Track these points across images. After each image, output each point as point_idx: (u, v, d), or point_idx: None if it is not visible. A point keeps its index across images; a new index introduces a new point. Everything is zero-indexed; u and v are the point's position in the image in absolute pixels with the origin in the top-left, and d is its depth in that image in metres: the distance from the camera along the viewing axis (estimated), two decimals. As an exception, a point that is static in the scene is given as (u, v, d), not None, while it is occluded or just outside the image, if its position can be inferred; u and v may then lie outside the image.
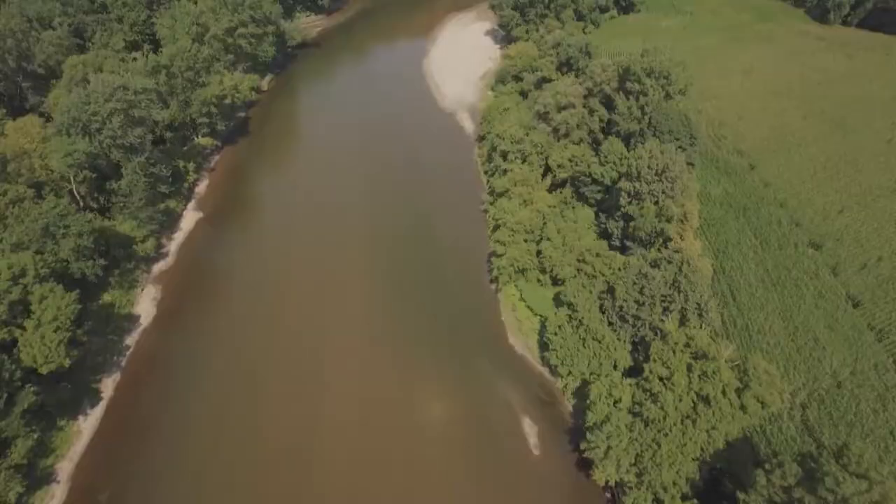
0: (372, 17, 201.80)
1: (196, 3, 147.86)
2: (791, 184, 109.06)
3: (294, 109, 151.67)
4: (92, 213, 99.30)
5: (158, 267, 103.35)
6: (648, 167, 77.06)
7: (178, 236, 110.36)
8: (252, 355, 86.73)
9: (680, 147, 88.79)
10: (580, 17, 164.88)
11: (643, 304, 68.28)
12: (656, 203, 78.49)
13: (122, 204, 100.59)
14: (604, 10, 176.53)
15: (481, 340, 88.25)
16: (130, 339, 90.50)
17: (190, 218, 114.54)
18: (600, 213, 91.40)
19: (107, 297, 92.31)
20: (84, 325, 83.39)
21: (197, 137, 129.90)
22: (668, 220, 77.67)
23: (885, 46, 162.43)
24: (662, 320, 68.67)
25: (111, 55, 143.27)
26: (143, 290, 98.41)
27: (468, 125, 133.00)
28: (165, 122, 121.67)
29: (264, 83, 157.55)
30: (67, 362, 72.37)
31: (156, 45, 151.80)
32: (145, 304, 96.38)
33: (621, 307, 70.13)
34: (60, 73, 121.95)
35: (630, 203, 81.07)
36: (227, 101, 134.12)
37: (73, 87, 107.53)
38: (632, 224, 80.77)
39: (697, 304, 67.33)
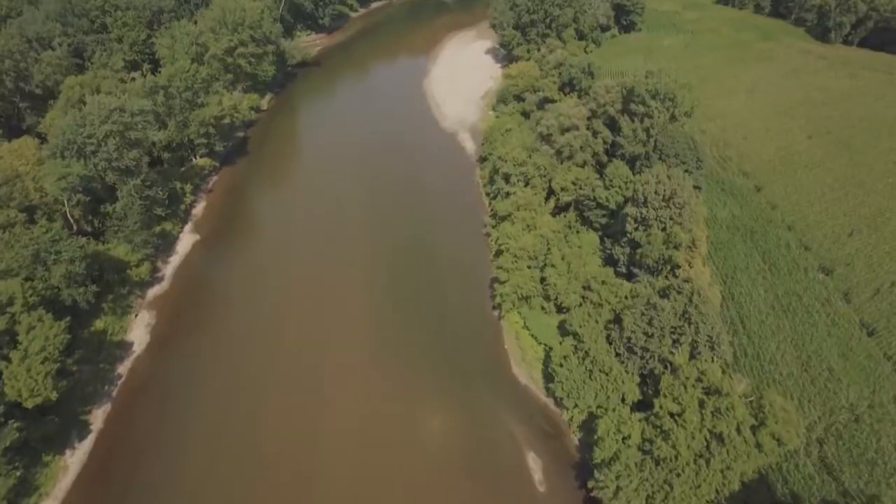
0: (372, 36, 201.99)
1: (196, 22, 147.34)
2: (799, 206, 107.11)
3: (293, 129, 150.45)
4: (85, 238, 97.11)
5: (153, 292, 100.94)
6: (655, 193, 75.06)
7: (174, 259, 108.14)
8: (249, 379, 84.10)
9: (686, 171, 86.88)
10: (581, 36, 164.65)
11: (652, 335, 65.81)
12: (664, 229, 76.36)
13: (116, 227, 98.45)
14: (605, 28, 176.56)
15: (484, 369, 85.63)
16: (123, 368, 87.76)
17: (186, 240, 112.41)
18: (605, 239, 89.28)
19: (99, 324, 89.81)
20: (74, 353, 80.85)
21: (195, 158, 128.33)
22: (676, 248, 75.49)
23: (887, 66, 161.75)
24: (672, 353, 66.15)
25: (110, 75, 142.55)
26: (136, 315, 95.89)
27: (469, 145, 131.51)
28: (163, 143, 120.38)
29: (264, 102, 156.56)
30: (55, 395, 69.67)
31: (155, 65, 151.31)
32: (139, 331, 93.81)
33: (629, 338, 67.64)
34: (58, 94, 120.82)
35: (636, 229, 78.95)
36: (226, 121, 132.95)
37: (70, 108, 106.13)
38: (639, 251, 78.56)
39: (709, 336, 64.85)
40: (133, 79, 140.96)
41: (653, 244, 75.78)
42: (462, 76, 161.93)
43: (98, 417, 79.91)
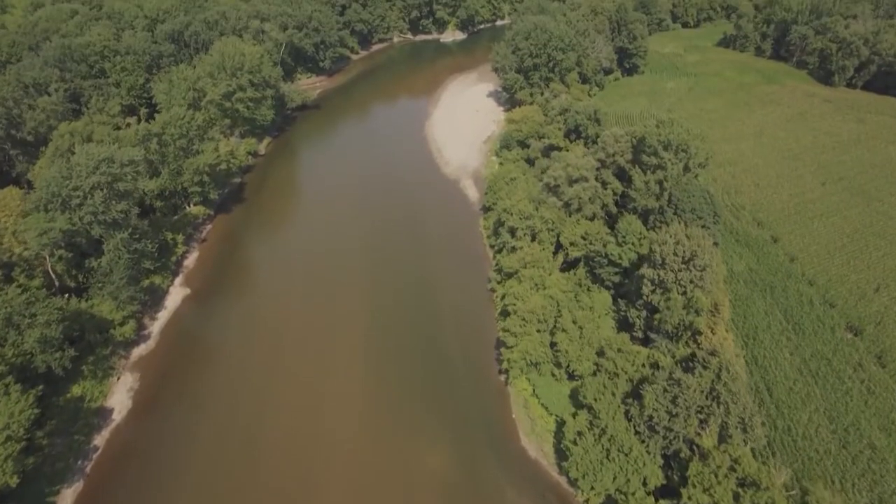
0: (373, 78, 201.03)
1: (195, 67, 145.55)
2: (818, 258, 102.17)
3: (292, 174, 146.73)
4: (68, 294, 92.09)
5: (138, 352, 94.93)
6: (674, 254, 70.06)
7: (163, 316, 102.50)
8: (237, 449, 77.58)
9: (703, 226, 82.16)
10: (585, 79, 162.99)
11: (676, 415, 59.73)
12: (684, 293, 71.04)
13: (101, 284, 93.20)
14: (608, 71, 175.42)
15: (490, 440, 78.88)
16: (100, 438, 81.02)
17: (176, 295, 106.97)
18: (619, 300, 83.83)
19: (76, 390, 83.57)
20: (46, 425, 74.70)
21: (188, 206, 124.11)
22: (698, 313, 69.97)
23: (894, 110, 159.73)
24: (699, 434, 59.96)
25: (105, 120, 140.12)
26: (118, 378, 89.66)
27: (472, 193, 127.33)
28: (155, 192, 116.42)
29: (262, 147, 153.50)
30: (15, 480, 63.06)
31: (152, 109, 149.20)
32: (120, 395, 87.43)
33: (651, 416, 61.50)
34: (50, 141, 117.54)
35: (654, 292, 73.64)
36: (223, 166, 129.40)
37: (58, 157, 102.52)
38: (657, 316, 73.08)
39: (740, 417, 58.74)
40: (128, 124, 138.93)
41: (672, 310, 70.35)
42: (464, 119, 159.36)
43: (67, 498, 72.91)
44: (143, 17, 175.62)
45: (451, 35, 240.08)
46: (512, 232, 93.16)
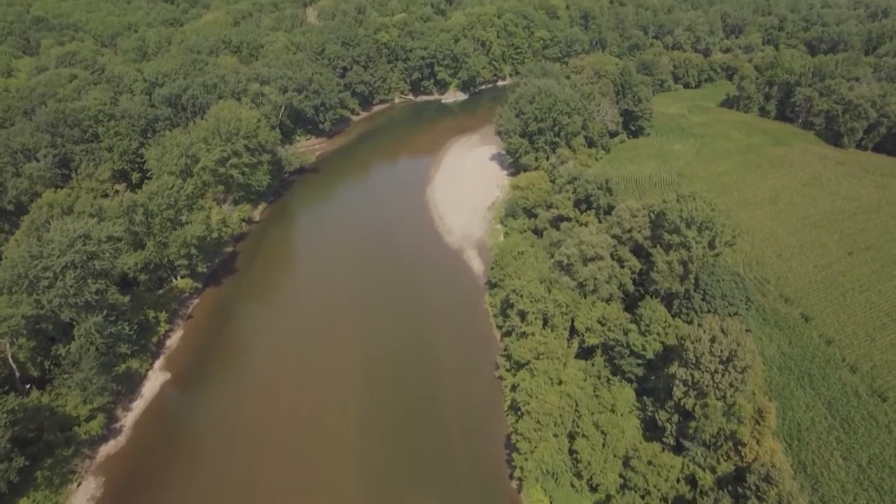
0: (374, 140, 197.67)
1: (189, 132, 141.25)
2: (858, 340, 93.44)
3: (287, 243, 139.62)
4: (29, 385, 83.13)
5: (106, 450, 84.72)
6: (710, 353, 61.55)
7: (138, 406, 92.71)
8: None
9: (735, 313, 73.95)
10: (591, 143, 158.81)
11: (729, 559, 49.64)
12: (723, 398, 62.05)
13: (67, 374, 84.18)
14: (613, 134, 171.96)
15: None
16: (47, 565, 70.27)
17: (155, 380, 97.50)
18: (644, 397, 74.53)
19: (24, 503, 73.12)
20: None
21: (175, 279, 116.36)
22: (740, 421, 60.77)
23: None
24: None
25: (93, 187, 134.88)
26: (78, 485, 79.06)
27: (476, 265, 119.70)
28: (139, 266, 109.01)
29: (256, 213, 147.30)
30: None
31: (145, 174, 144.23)
32: (78, 506, 76.93)
33: (697, 558, 51.33)
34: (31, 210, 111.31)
35: (686, 394, 64.62)
36: (214, 235, 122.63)
37: (33, 232, 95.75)
38: (692, 424, 63.76)
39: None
40: (116, 192, 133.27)
41: (710, 417, 61.18)
42: (467, 184, 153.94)
43: None
44: (142, 81, 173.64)
45: (453, 96, 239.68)
46: (522, 316, 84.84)
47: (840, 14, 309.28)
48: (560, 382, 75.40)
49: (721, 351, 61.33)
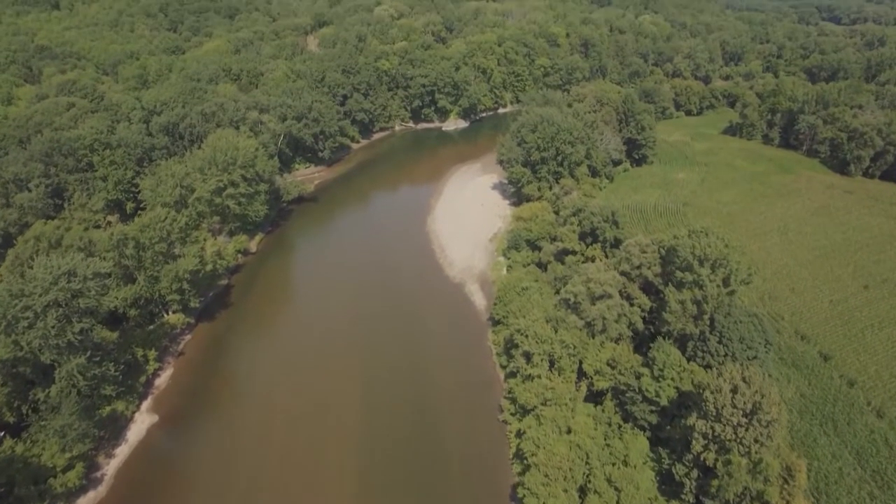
0: (373, 169, 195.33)
1: (185, 163, 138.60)
2: (882, 382, 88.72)
3: (284, 275, 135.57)
4: (2, 433, 78.26)
5: (84, 502, 79.55)
6: (732, 405, 57.13)
7: (122, 452, 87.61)
8: None
9: (755, 356, 69.62)
10: (594, 172, 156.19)
11: None
12: (747, 454, 57.40)
13: (45, 421, 79.41)
14: (616, 163, 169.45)
15: None
16: None
17: (141, 424, 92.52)
18: (659, 447, 69.72)
19: (-6, 566, 67.91)
20: None
21: (166, 314, 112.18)
22: (767, 480, 56.01)
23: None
24: None
25: (86, 217, 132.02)
26: (52, 542, 73.98)
27: (479, 300, 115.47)
28: (129, 301, 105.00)
29: (253, 244, 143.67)
30: None
31: (139, 203, 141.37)
32: (49, 568, 71.52)
33: None
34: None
35: (707, 448, 59.97)
36: (209, 268, 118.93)
37: (16, 267, 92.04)
38: (714, 482, 58.96)
39: None
40: (108, 223, 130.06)
41: (734, 475, 56.44)
42: (468, 214, 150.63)
43: None
44: (140, 109, 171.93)
45: (454, 123, 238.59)
46: (527, 357, 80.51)
47: (837, 42, 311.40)
48: (569, 431, 70.68)
49: (744, 403, 56.89)
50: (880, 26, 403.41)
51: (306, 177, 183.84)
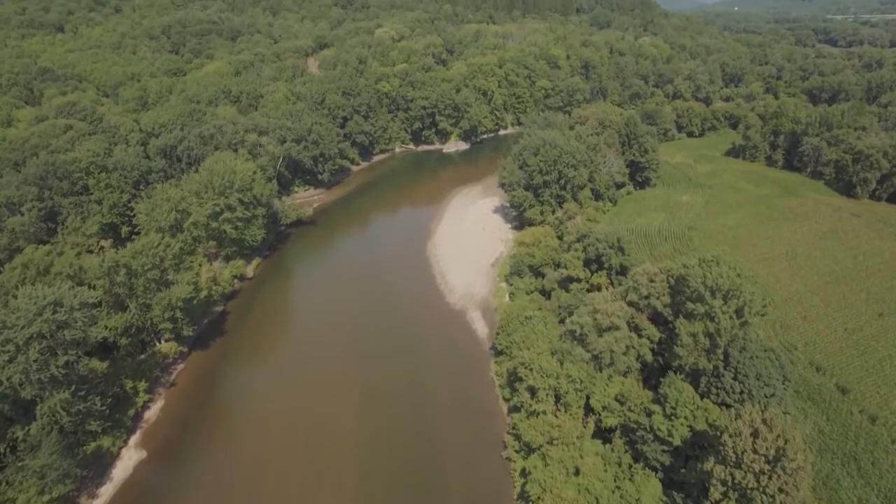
0: (373, 191, 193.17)
1: (181, 186, 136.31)
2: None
3: (281, 302, 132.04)
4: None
5: (62, 548, 75.33)
6: (754, 450, 53.46)
7: (105, 492, 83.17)
8: None
9: (773, 394, 65.96)
10: (597, 195, 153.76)
11: None
12: (772, 503, 53.50)
13: (22, 462, 75.39)
14: (619, 185, 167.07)
15: None
16: None
17: (128, 460, 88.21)
18: (673, 491, 65.70)
19: None
20: None
21: (158, 343, 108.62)
22: (793, 532, 52.15)
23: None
24: None
25: (79, 241, 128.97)
26: (26, 593, 69.48)
27: (481, 327, 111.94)
28: (120, 329, 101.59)
29: (250, 269, 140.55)
30: None
31: (134, 228, 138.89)
32: None
33: None
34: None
35: (726, 496, 56.07)
36: (203, 294, 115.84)
37: (1, 296, 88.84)
38: (736, 534, 55.06)
39: None
40: (101, 248, 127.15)
41: (758, 528, 52.46)
42: (469, 238, 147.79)
43: None
44: (138, 131, 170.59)
45: (454, 145, 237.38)
46: (532, 392, 76.83)
47: (836, 64, 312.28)
48: (577, 472, 66.77)
49: (766, 449, 53.24)
50: (877, 48, 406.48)
51: (305, 200, 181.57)
